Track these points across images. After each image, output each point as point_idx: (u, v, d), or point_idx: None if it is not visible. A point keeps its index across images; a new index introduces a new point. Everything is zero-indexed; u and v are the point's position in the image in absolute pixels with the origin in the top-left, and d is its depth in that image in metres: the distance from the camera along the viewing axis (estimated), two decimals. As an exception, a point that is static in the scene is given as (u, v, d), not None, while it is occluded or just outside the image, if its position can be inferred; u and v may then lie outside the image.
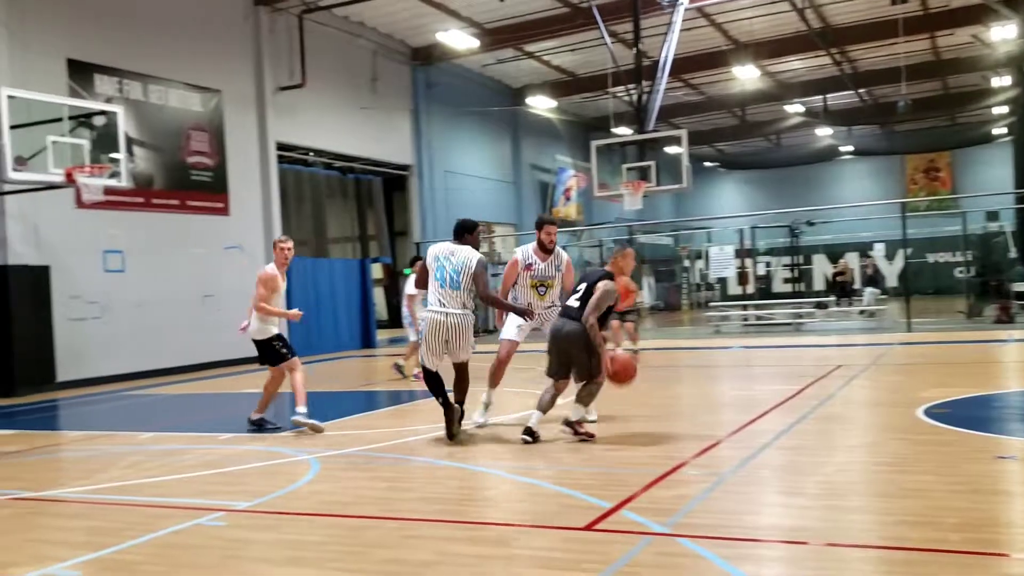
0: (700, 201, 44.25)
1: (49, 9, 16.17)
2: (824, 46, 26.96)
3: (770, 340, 19.51)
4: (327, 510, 6.00)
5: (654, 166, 18.67)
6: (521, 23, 24.14)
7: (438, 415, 8.64)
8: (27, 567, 4.98)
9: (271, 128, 20.97)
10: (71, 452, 9.40)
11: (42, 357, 15.70)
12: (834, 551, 4.65)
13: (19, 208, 15.37)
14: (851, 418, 9.01)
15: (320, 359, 20.34)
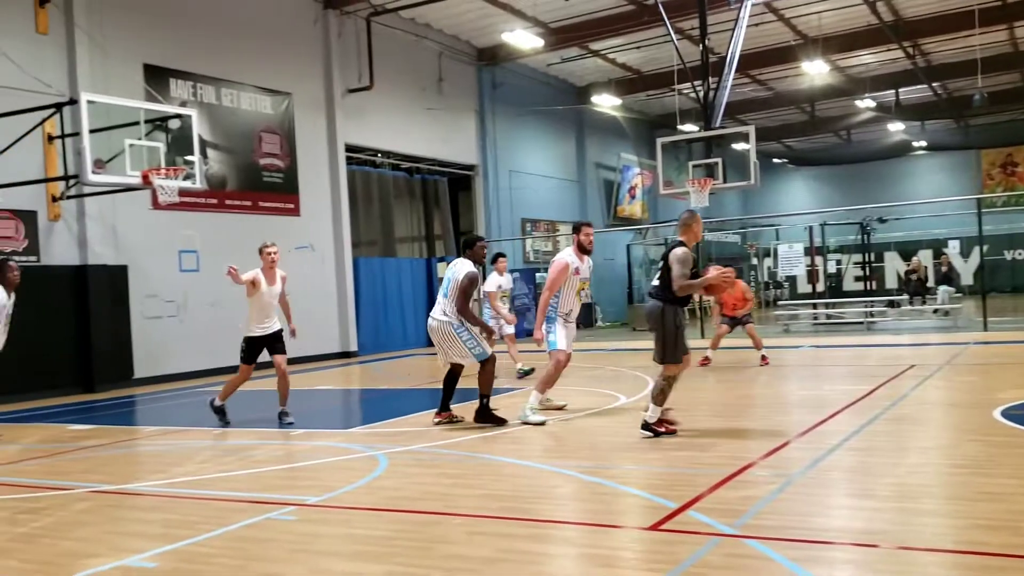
0: (768, 198, 43.65)
1: (127, 17, 16.60)
2: (896, 39, 26.41)
3: (840, 339, 19.20)
4: (393, 505, 6.07)
5: (721, 163, 18.47)
6: (586, 21, 24.10)
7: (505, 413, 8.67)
8: (106, 558, 5.14)
9: (340, 130, 21.26)
10: (148, 447, 9.64)
11: (120, 354, 16.14)
12: (906, 555, 4.57)
13: (98, 210, 15.82)
14: (925, 419, 8.84)
15: (387, 357, 20.57)
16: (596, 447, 7.87)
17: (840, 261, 32.92)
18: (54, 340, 15.14)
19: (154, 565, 5.00)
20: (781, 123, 38.42)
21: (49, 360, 15.07)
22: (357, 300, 21.72)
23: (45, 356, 14.98)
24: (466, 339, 9.09)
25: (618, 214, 33.83)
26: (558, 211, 30.33)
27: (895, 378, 11.57)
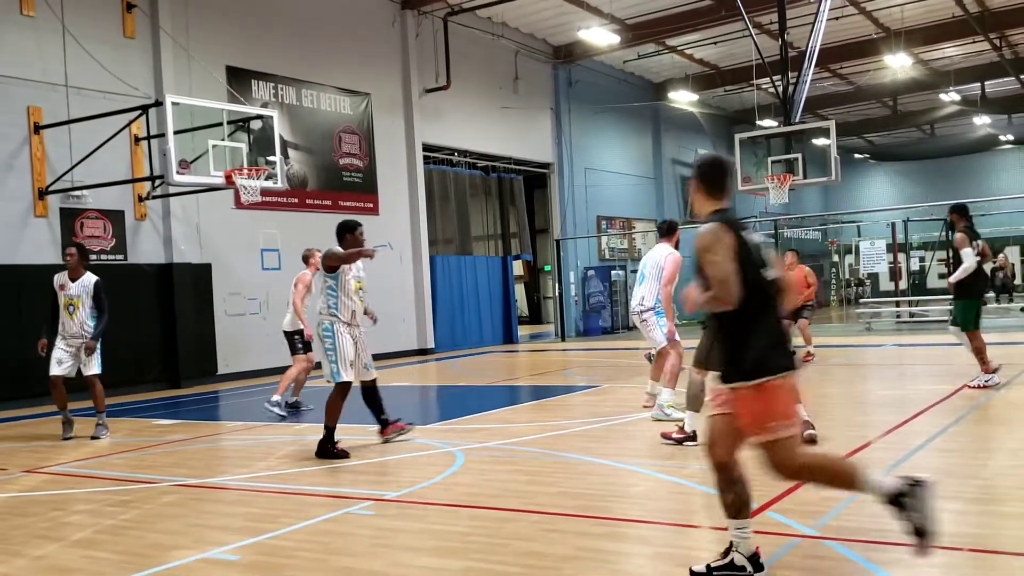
0: (849, 194, 42.79)
1: (210, 20, 17.00)
2: (982, 31, 25.66)
3: (924, 338, 18.75)
4: (470, 502, 6.12)
5: (800, 159, 18.19)
6: (663, 17, 23.92)
7: (581, 411, 8.66)
8: (190, 551, 5.28)
9: (418, 129, 21.48)
10: (231, 441, 9.86)
11: (204, 351, 16.54)
12: (993, 559, 4.45)
13: (183, 209, 16.23)
14: (1012, 420, 8.59)
15: (463, 354, 20.70)
16: (673, 445, 7.81)
17: (923, 258, 32.10)
18: (141, 337, 15.57)
19: (236, 558, 5.12)
20: (862, 118, 37.62)
21: (136, 356, 15.51)
22: (434, 298, 21.91)
23: (132, 352, 15.41)
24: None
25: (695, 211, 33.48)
26: (634, 208, 30.18)
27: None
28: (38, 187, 14.38)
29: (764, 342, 4.10)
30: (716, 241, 4.13)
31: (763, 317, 4.14)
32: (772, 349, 4.12)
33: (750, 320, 4.12)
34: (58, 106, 14.56)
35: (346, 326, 8.20)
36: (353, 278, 8.26)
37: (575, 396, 11.38)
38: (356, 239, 8.24)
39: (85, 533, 5.84)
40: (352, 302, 8.22)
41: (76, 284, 10.11)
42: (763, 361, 4.07)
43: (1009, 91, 33.56)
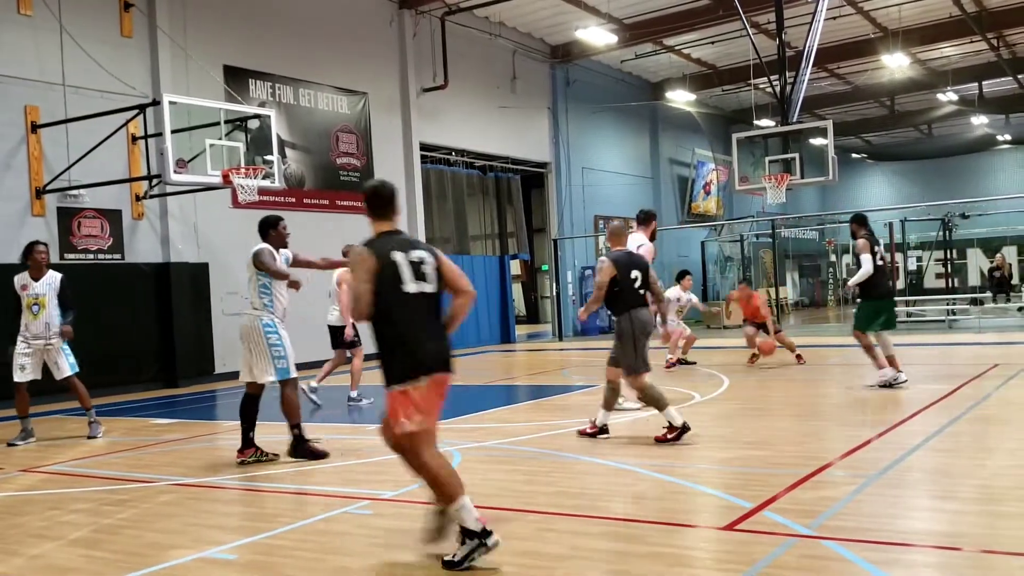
0: (847, 194, 42.81)
1: (207, 20, 16.99)
2: (979, 30, 25.68)
3: (921, 338, 18.77)
4: (468, 502, 6.11)
5: (798, 158, 18.19)
6: (660, 17, 23.93)
7: (578, 410, 8.67)
8: (187, 550, 5.27)
9: (415, 129, 21.48)
10: (228, 441, 9.84)
11: (201, 350, 16.54)
12: (991, 559, 4.45)
13: (180, 208, 16.23)
14: (1009, 419, 8.59)
15: (460, 354, 20.69)
16: (670, 445, 7.82)
17: (921, 258, 32.16)
18: (138, 336, 15.57)
19: (234, 557, 5.12)
20: (860, 117, 37.65)
21: (133, 355, 15.51)
22: (432, 297, 21.87)
23: (129, 351, 15.42)
24: None
25: (692, 211, 33.53)
26: (632, 208, 29.92)
27: (978, 377, 11.29)
28: (35, 186, 14.37)
29: (405, 352, 4.74)
30: (358, 263, 4.79)
31: (406, 329, 4.76)
32: (412, 358, 4.73)
33: (393, 333, 4.77)
34: (55, 105, 14.55)
35: (281, 323, 8.14)
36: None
37: (572, 396, 11.39)
38: (280, 235, 8.13)
39: (82, 532, 5.84)
40: (284, 299, 8.15)
41: (41, 283, 9.84)
42: (404, 370, 4.72)
43: (1007, 91, 33.61)
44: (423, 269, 4.86)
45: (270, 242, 8.05)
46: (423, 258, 4.90)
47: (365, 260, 4.79)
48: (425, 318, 4.83)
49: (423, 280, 4.84)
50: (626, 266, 8.20)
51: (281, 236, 8.13)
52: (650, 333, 8.25)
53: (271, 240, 8.07)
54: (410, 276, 4.80)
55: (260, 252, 7.90)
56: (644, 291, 8.25)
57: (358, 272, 4.77)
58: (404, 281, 4.78)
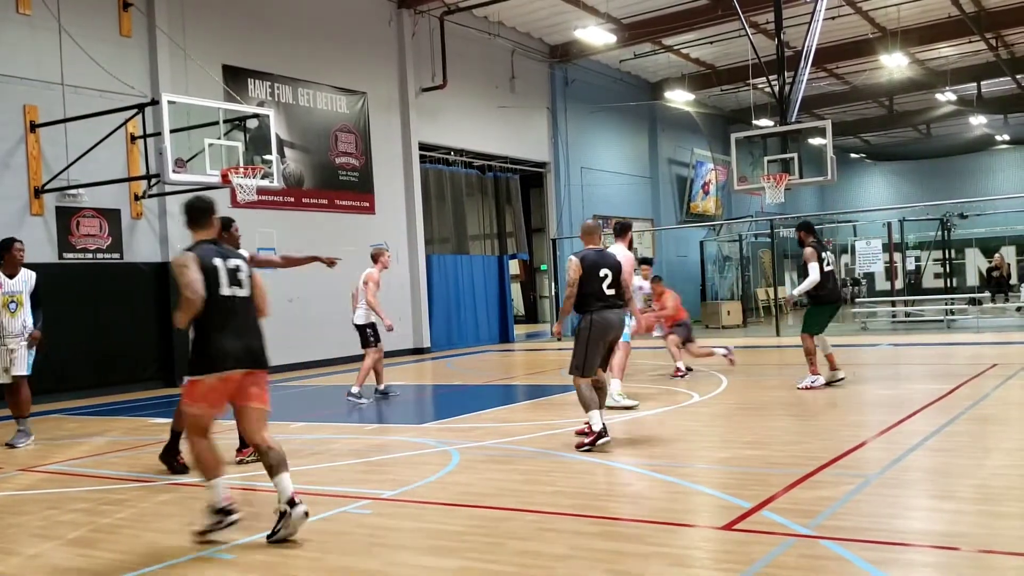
0: (845, 194, 42.85)
1: (206, 19, 16.98)
2: (978, 31, 25.69)
3: (920, 338, 18.78)
4: (466, 501, 6.12)
5: (797, 158, 18.19)
6: (659, 17, 23.93)
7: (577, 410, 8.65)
8: (186, 550, 5.28)
9: (414, 129, 21.48)
10: (226, 440, 9.83)
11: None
12: (989, 558, 4.46)
13: (179, 208, 16.18)
14: (1008, 419, 8.60)
15: (459, 353, 20.70)
16: (669, 445, 7.83)
17: (919, 258, 32.17)
18: (137, 335, 15.56)
19: (232, 557, 5.12)
20: (859, 117, 37.68)
21: (132, 355, 15.50)
22: (430, 297, 21.91)
23: (128, 351, 15.41)
24: None
25: (691, 211, 33.54)
26: (631, 208, 30.19)
27: (976, 377, 11.29)
28: (34, 185, 14.36)
29: (204, 349, 5.37)
30: (185, 267, 5.32)
31: (212, 329, 5.36)
32: (207, 356, 5.36)
33: (201, 330, 5.39)
34: (54, 104, 14.54)
35: None
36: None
37: (571, 395, 11.35)
38: (232, 237, 7.99)
39: (81, 532, 5.84)
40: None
41: (17, 280, 9.55)
42: (199, 364, 5.37)
43: (1005, 91, 33.63)
44: (239, 276, 5.53)
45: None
46: (239, 266, 5.57)
47: (191, 264, 5.36)
48: (233, 320, 5.45)
49: (238, 285, 5.50)
50: (594, 264, 7.93)
51: (234, 238, 8.00)
52: (613, 338, 8.02)
53: (224, 243, 7.85)
54: (226, 281, 5.42)
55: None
56: (615, 291, 7.97)
57: (185, 276, 5.32)
58: (220, 285, 5.39)
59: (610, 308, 7.92)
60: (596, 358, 7.88)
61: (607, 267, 7.97)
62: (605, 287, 7.88)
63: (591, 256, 7.99)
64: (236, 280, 5.50)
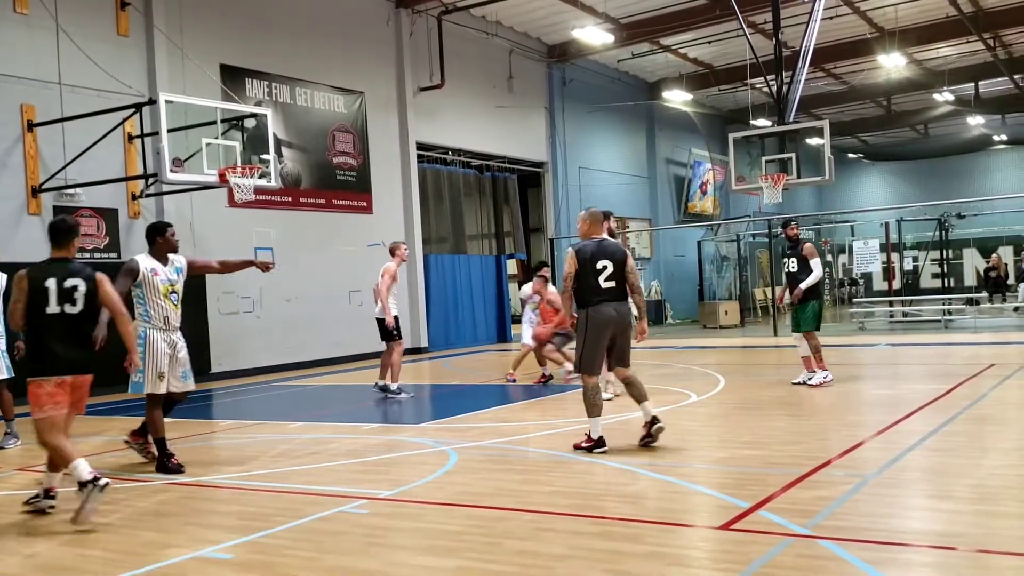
0: (843, 194, 42.87)
1: (204, 19, 16.97)
2: (976, 31, 25.71)
3: (917, 338, 18.79)
4: (464, 501, 6.12)
5: (794, 158, 18.18)
6: (657, 16, 23.94)
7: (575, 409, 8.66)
8: (184, 549, 5.27)
9: (411, 128, 21.47)
10: (225, 440, 9.85)
11: (198, 349, 16.45)
12: (987, 558, 4.46)
13: (176, 207, 16.21)
14: (1005, 419, 8.61)
15: (457, 353, 20.69)
16: (666, 445, 7.83)
17: (917, 258, 32.19)
18: (134, 335, 15.53)
19: (230, 556, 5.11)
20: (856, 117, 37.70)
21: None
22: (427, 296, 21.91)
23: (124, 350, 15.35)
24: None
25: (689, 210, 33.55)
26: (628, 208, 30.19)
27: (974, 377, 11.30)
28: (31, 185, 14.35)
29: (39, 357, 6.21)
30: (16, 283, 6.21)
31: (44, 340, 6.20)
32: (43, 362, 6.19)
33: (36, 340, 6.25)
34: (51, 104, 14.53)
35: (160, 331, 7.77)
36: (163, 281, 7.75)
37: (569, 395, 11.37)
38: (168, 242, 7.85)
39: (77, 531, 5.83)
40: (163, 307, 7.76)
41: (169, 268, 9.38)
42: (38, 369, 6.19)
43: (1003, 91, 33.67)
44: (74, 295, 6.26)
45: (157, 249, 7.76)
46: (76, 285, 6.28)
47: (21, 281, 6.21)
48: (63, 333, 6.24)
49: (69, 303, 6.25)
50: (593, 256, 7.53)
51: (170, 243, 7.88)
52: (616, 333, 7.60)
53: (159, 247, 7.77)
54: (55, 300, 6.19)
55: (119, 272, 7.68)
56: (615, 283, 7.57)
57: (15, 291, 6.20)
58: (49, 303, 6.18)
59: (608, 302, 7.52)
60: (596, 354, 7.57)
61: (607, 258, 7.55)
62: (602, 280, 7.50)
63: (589, 247, 7.61)
64: (70, 299, 6.25)
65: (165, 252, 7.85)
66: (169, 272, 7.80)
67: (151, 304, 7.72)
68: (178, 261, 7.93)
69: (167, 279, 7.76)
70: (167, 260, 7.83)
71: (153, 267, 7.70)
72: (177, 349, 7.88)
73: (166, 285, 7.73)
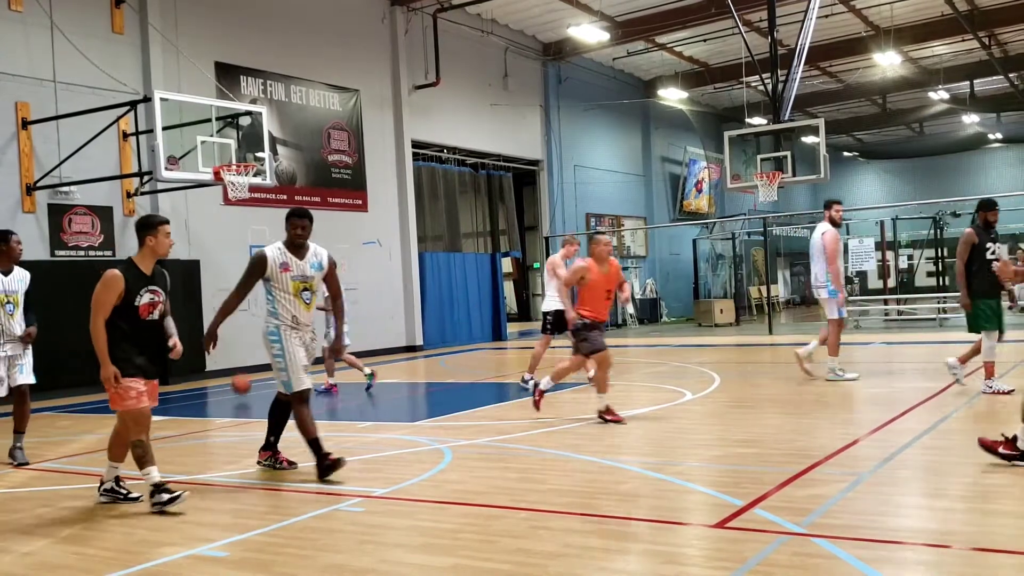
0: (838, 192, 42.74)
1: (199, 16, 16.94)
2: (971, 29, 25.75)
3: (912, 336, 18.82)
4: (459, 499, 6.12)
5: (790, 156, 18.21)
6: (652, 15, 23.96)
7: (570, 408, 8.66)
8: (179, 547, 5.26)
9: (407, 126, 21.45)
10: (220, 438, 9.84)
11: (193, 347, 16.41)
12: (981, 556, 4.47)
13: (171, 205, 16.18)
14: (1000, 417, 8.61)
15: (452, 351, 20.68)
16: (661, 443, 7.83)
17: (912, 256, 32.20)
18: (129, 333, 15.51)
19: (225, 554, 5.11)
20: (852, 116, 37.75)
21: (125, 352, 15.45)
22: (423, 295, 21.90)
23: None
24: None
25: (684, 208, 33.57)
26: (623, 206, 30.22)
27: (969, 376, 11.30)
28: (26, 183, 14.32)
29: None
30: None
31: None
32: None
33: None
34: (46, 101, 14.50)
35: (292, 330, 7.31)
36: (293, 278, 7.25)
37: (564, 393, 11.37)
38: (11, 249, 7.59)
39: (73, 529, 5.82)
40: (293, 305, 7.29)
41: (10, 278, 8.35)
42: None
43: (998, 89, 33.71)
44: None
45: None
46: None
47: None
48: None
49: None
50: None
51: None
52: None
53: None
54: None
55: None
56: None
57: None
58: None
59: None
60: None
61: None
62: None
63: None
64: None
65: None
66: (305, 268, 7.31)
67: (280, 301, 7.34)
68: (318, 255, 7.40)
69: (303, 275, 7.27)
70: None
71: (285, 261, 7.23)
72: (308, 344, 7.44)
73: (299, 283, 7.27)
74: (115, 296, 6.28)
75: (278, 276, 7.23)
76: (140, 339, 6.54)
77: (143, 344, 6.58)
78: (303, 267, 7.26)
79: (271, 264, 7.22)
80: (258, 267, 7.26)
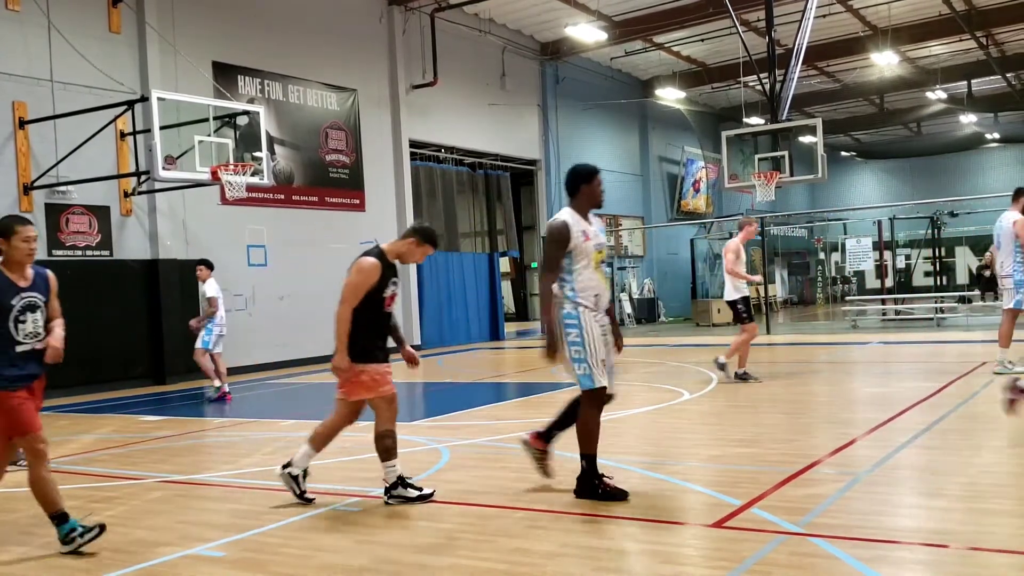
0: (836, 192, 42.96)
1: (196, 16, 16.93)
2: (968, 29, 25.77)
3: (910, 336, 18.83)
4: (457, 498, 6.11)
5: (787, 156, 18.23)
6: (650, 14, 23.96)
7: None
8: (176, 547, 5.26)
9: (404, 126, 21.45)
10: (217, 438, 9.83)
11: (190, 347, 16.40)
12: (978, 555, 4.47)
13: (169, 205, 16.17)
14: (997, 417, 8.61)
15: (450, 351, 20.68)
16: (659, 443, 7.83)
17: (909, 256, 32.25)
18: (126, 333, 15.51)
19: (222, 554, 5.11)
20: (849, 116, 37.77)
21: (121, 352, 15.45)
22: (421, 294, 21.90)
23: (118, 348, 15.36)
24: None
25: (682, 208, 33.58)
26: (621, 206, 30.21)
27: (966, 375, 11.32)
28: (23, 182, 14.30)
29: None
30: None
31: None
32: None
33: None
34: (43, 101, 14.48)
35: (592, 313, 5.99)
36: (594, 245, 6.15)
37: (561, 393, 11.37)
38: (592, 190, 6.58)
39: (69, 530, 5.80)
40: (594, 281, 6.06)
41: None
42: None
43: (995, 89, 33.74)
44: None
45: (576, 203, 6.42)
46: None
47: None
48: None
49: None
50: None
51: (594, 193, 6.74)
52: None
53: (579, 199, 6.46)
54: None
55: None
56: None
57: None
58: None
59: None
60: None
61: None
62: None
63: None
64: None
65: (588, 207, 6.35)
66: (596, 235, 6.25)
67: (579, 274, 6.03)
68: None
69: (598, 243, 6.21)
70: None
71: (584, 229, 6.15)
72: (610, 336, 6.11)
73: (598, 252, 6.16)
74: (372, 284, 6.13)
75: (581, 246, 6.04)
76: (379, 328, 6.43)
77: (382, 333, 6.52)
78: (598, 234, 6.28)
79: (574, 233, 6.07)
80: (562, 237, 6.02)
